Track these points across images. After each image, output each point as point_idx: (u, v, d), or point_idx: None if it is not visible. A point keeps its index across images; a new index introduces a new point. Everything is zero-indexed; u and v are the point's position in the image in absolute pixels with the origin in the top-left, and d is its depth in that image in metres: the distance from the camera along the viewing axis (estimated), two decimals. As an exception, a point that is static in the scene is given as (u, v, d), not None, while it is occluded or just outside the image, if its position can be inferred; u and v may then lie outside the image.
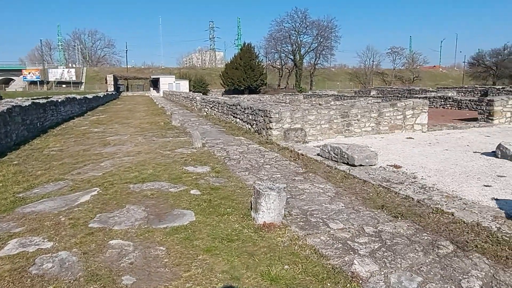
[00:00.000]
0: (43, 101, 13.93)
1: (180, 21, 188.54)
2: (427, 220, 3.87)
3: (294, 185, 5.39)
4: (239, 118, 12.57)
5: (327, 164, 6.42)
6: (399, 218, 3.99)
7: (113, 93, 47.87)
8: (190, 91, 50.54)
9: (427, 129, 10.71)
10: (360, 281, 2.75)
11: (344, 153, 6.27)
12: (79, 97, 22.13)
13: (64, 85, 63.30)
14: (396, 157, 7.08)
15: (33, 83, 63.36)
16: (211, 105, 17.98)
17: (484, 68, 66.98)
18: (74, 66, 75.88)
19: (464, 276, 2.82)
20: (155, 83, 61.38)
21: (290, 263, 3.06)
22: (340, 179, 5.61)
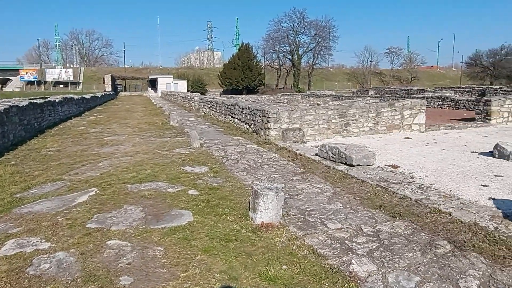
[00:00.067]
0: (40, 101, 13.88)
1: (178, 21, 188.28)
2: (425, 219, 3.89)
3: (292, 185, 5.39)
4: (237, 118, 12.57)
5: (325, 164, 6.43)
6: (397, 218, 4.00)
7: (111, 93, 47.77)
8: (188, 91, 50.49)
9: (425, 129, 10.74)
10: (358, 281, 2.75)
11: (342, 153, 6.28)
12: (76, 97, 22.09)
13: (61, 85, 63.12)
14: (394, 157, 7.09)
15: (30, 83, 63.11)
16: (209, 105, 17.97)
17: (481, 68, 67.34)
18: (71, 66, 75.54)
19: (461, 275, 2.83)
20: (153, 83, 61.26)
21: (288, 263, 3.06)
22: (338, 179, 5.62)
